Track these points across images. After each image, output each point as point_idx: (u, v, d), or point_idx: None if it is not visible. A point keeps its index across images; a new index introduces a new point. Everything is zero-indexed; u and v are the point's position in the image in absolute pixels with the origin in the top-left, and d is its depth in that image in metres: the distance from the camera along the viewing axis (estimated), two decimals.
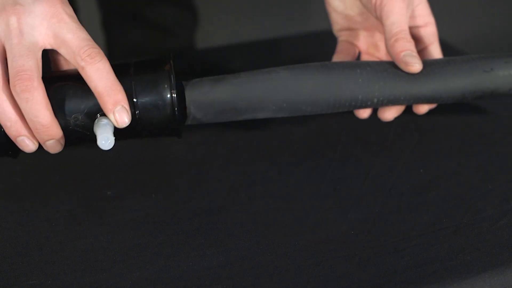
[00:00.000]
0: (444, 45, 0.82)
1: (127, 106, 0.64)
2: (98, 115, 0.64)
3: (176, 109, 0.65)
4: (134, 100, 0.65)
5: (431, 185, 0.72)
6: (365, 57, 0.82)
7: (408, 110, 0.83)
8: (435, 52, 0.78)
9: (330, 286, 0.61)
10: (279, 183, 0.73)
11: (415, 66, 0.71)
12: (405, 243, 0.65)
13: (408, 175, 0.73)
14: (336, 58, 0.80)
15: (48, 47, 0.64)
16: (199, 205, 0.70)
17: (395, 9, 0.73)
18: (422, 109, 0.78)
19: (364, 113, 0.78)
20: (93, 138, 0.64)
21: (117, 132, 0.64)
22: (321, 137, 0.79)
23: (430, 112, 0.80)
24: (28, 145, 0.65)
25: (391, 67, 0.72)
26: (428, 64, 0.73)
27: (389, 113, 0.77)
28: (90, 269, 0.62)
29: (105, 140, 0.62)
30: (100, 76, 0.63)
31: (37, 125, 0.63)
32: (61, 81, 0.65)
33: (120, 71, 0.65)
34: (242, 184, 0.73)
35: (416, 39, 0.78)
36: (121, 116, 0.63)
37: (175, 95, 0.65)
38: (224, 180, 0.73)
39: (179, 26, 1.35)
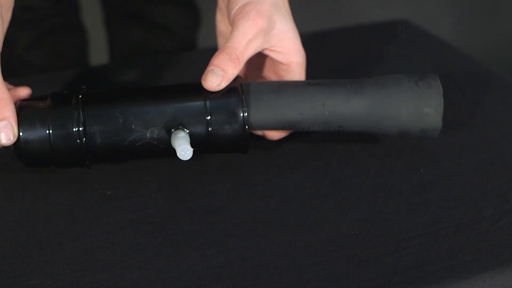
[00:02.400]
0: (451, 49, 0.82)
1: (13, 122, 0.66)
2: (173, 130, 0.68)
3: (247, 127, 0.69)
4: (208, 118, 0.68)
5: (431, 185, 0.72)
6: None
7: None
8: None
9: (330, 286, 0.61)
10: (279, 183, 0.73)
11: (208, 83, 0.69)
12: (405, 243, 0.65)
13: (408, 175, 0.73)
14: None
15: None
16: (199, 205, 0.70)
17: (243, 26, 0.70)
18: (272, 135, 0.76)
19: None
20: (167, 151, 0.69)
21: (192, 145, 0.68)
22: (321, 137, 0.79)
23: None
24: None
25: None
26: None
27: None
28: (90, 269, 0.62)
29: (184, 151, 0.66)
30: None
31: None
32: (142, 97, 0.70)
33: (194, 90, 0.70)
34: (242, 184, 0.73)
35: (280, 77, 0.75)
36: (7, 133, 0.66)
37: (246, 114, 0.69)
38: (224, 180, 0.73)
39: (179, 26, 1.35)
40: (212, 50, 0.85)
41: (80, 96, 0.69)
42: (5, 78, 0.69)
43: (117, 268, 0.63)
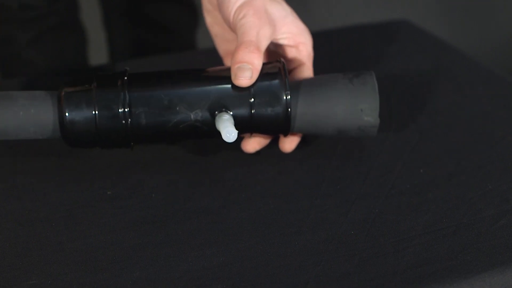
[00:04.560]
0: (451, 48, 0.82)
1: None
2: (216, 112, 0.69)
3: (289, 110, 0.70)
4: (251, 100, 0.70)
5: (431, 185, 0.72)
6: None
7: (409, 112, 0.83)
8: (305, 74, 0.76)
9: (330, 286, 0.61)
10: (279, 183, 0.73)
11: (241, 79, 0.69)
12: (405, 243, 0.65)
13: (408, 175, 0.73)
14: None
15: None
16: (199, 205, 0.70)
17: (248, 23, 0.71)
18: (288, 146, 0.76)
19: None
20: (210, 132, 0.70)
21: (235, 127, 0.69)
22: (320, 137, 0.79)
23: (430, 112, 0.79)
24: None
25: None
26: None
27: (250, 146, 0.76)
28: (90, 269, 0.62)
29: (229, 133, 0.68)
30: None
31: None
32: (186, 79, 0.72)
33: None
34: (242, 184, 0.73)
35: (285, 59, 0.76)
36: None
37: (289, 97, 0.70)
38: (224, 180, 0.73)
39: (180, 26, 1.35)
40: (211, 50, 0.85)
41: (125, 78, 0.70)
42: (4, 77, 0.69)
43: (117, 268, 0.63)
